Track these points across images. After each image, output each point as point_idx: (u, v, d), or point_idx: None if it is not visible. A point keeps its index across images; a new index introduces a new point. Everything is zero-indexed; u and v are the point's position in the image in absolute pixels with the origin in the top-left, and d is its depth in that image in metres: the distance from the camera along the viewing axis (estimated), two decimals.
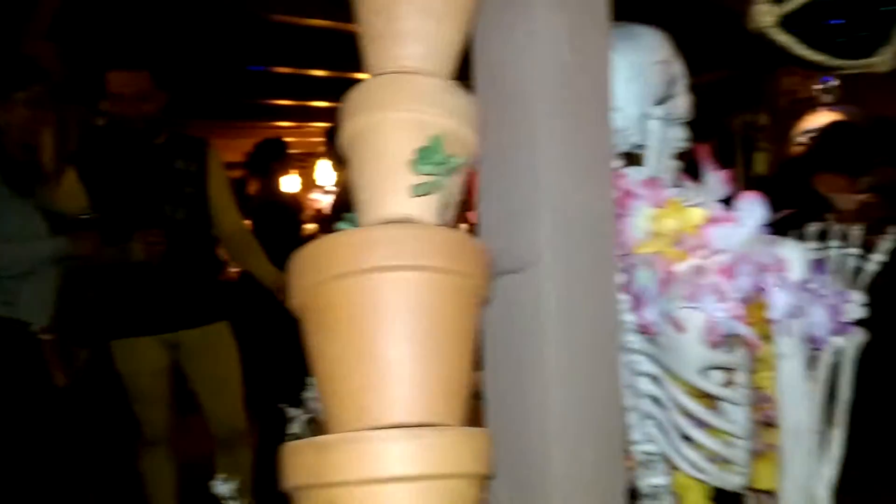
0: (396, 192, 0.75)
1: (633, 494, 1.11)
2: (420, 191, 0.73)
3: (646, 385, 1.06)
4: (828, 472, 0.94)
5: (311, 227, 4.40)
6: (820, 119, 3.81)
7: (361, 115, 0.79)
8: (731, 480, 1.00)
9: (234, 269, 3.45)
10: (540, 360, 0.88)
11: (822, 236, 1.03)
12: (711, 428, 1.02)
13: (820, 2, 0.79)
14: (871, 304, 0.95)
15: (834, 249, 1.02)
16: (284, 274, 0.81)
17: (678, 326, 0.94)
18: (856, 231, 1.03)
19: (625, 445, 1.06)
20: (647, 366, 1.05)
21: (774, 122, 4.33)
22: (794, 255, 0.92)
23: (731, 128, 5.09)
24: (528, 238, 0.90)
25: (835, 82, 4.07)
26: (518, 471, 0.92)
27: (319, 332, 0.77)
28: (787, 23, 0.82)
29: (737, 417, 1.00)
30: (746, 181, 4.57)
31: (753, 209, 0.92)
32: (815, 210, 2.67)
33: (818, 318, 0.93)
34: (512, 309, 0.92)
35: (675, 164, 1.07)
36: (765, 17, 0.84)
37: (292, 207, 3.81)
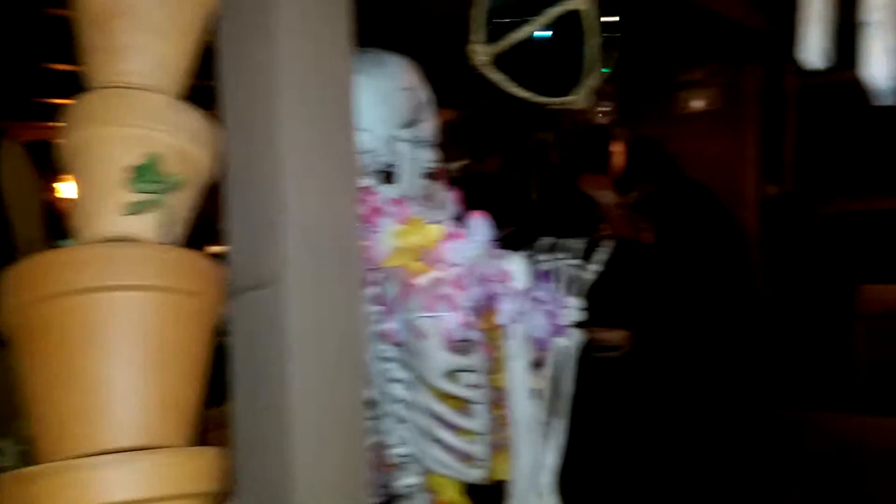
0: (114, 209, 0.74)
1: (391, 496, 1.17)
2: (136, 209, 0.72)
3: (399, 390, 1.12)
4: (551, 459, 1.06)
5: None
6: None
7: (80, 130, 0.76)
8: (474, 474, 1.09)
9: None
10: (284, 376, 0.90)
11: (551, 249, 1.16)
12: (459, 427, 1.10)
13: (528, 45, 0.90)
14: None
15: (558, 261, 1.15)
16: None
17: (419, 334, 1.01)
18: (577, 244, 1.17)
19: (371, 455, 1.11)
20: (399, 372, 1.11)
21: (560, 139, 4.75)
22: (517, 267, 1.02)
23: (529, 145, 5.50)
24: (272, 254, 0.91)
25: (609, 106, 4.55)
26: (264, 488, 0.93)
27: (30, 354, 0.73)
28: (500, 61, 0.93)
29: (479, 416, 1.09)
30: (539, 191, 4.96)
31: (481, 227, 1.01)
32: (582, 207, 2.97)
33: (539, 322, 1.05)
34: (256, 326, 0.93)
35: (424, 183, 1.15)
36: (478, 56, 0.93)
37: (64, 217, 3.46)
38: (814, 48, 0.71)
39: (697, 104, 4.17)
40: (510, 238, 1.13)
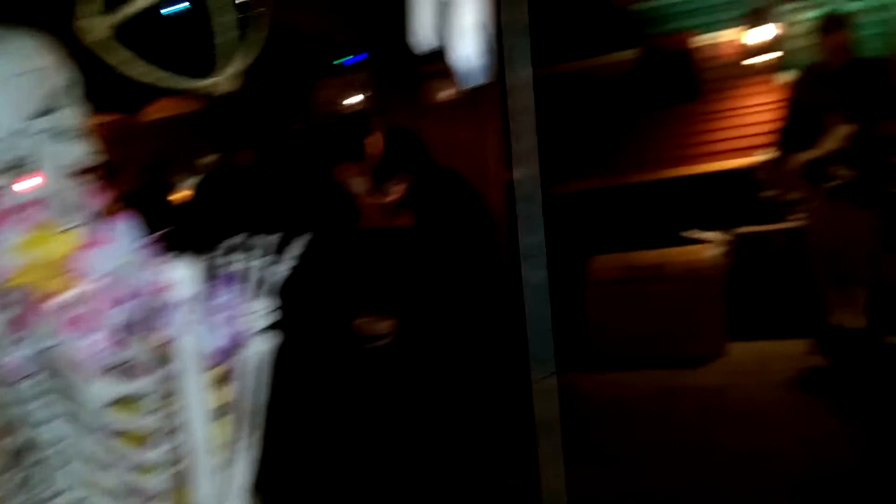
0: None
1: None
2: None
3: (54, 431, 0.95)
4: (241, 481, 0.97)
5: None
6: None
7: None
8: None
9: None
10: None
11: (232, 250, 1.05)
12: (133, 463, 0.96)
13: (163, 21, 0.79)
14: None
15: (247, 260, 1.05)
16: None
17: (59, 364, 0.85)
18: (268, 240, 1.07)
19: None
20: (49, 411, 0.94)
21: (317, 130, 4.65)
22: (181, 274, 0.90)
23: (285, 136, 5.33)
24: None
25: (363, 96, 4.55)
26: None
27: None
28: (126, 38, 0.80)
29: (156, 446, 0.96)
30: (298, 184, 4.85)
31: (128, 230, 0.88)
32: (338, 198, 2.92)
33: (217, 331, 0.94)
34: None
35: (68, 182, 0.98)
36: (96, 30, 0.80)
37: None
38: (423, 31, 0.69)
39: (444, 94, 4.31)
40: (183, 240, 1.00)
